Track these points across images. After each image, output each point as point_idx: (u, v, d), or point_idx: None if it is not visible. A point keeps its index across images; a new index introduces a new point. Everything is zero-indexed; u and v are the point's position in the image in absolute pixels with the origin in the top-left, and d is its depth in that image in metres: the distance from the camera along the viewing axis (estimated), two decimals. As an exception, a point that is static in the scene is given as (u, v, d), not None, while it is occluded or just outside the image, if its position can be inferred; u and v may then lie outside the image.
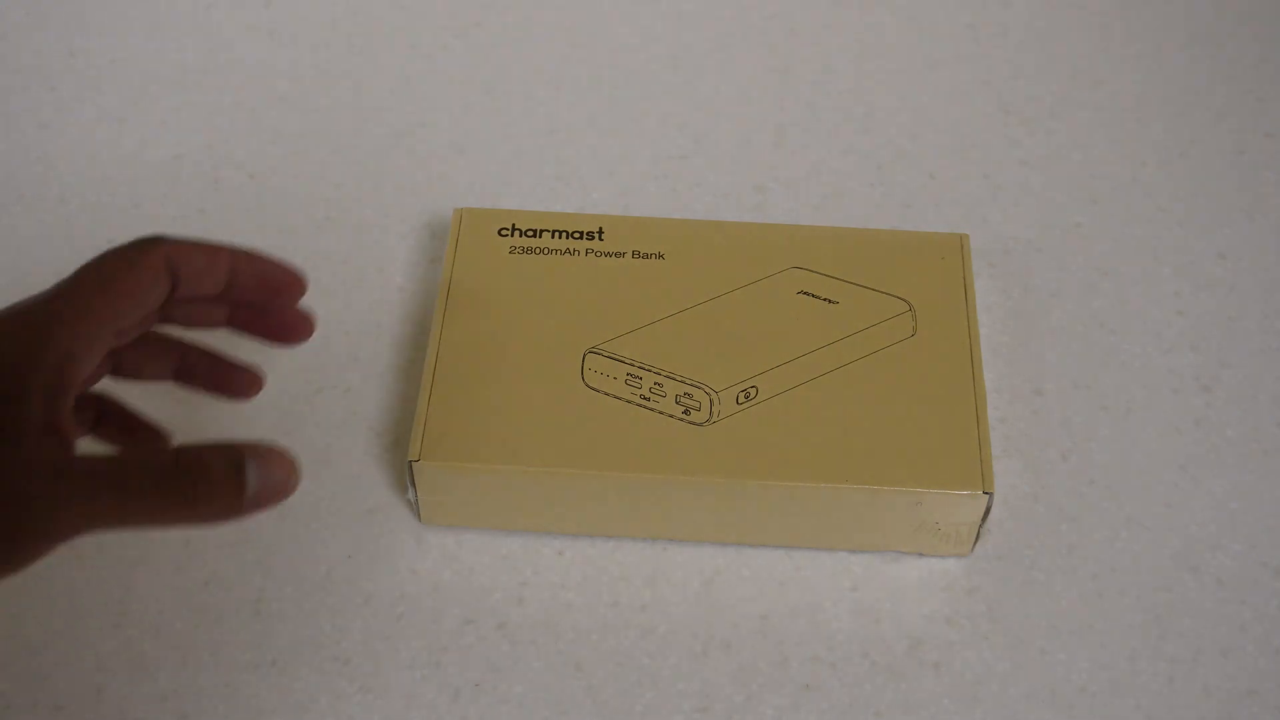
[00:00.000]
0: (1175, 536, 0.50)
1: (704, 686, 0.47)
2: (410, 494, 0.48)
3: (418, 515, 0.50)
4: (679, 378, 0.48)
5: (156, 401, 0.47)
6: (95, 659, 0.47)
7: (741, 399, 0.48)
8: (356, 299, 0.56)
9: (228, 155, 0.62)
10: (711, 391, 0.48)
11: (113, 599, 0.48)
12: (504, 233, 0.53)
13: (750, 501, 0.48)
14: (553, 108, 0.64)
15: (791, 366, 0.49)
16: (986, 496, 0.47)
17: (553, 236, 0.53)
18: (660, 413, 0.48)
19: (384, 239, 0.58)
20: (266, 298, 0.43)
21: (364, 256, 0.58)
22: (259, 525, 0.50)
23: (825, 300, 0.51)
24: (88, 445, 0.42)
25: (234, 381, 0.46)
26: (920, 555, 0.49)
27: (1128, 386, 0.54)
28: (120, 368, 0.44)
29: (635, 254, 0.52)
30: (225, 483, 0.38)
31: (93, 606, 0.48)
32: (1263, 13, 0.68)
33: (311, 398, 0.53)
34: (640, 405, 0.48)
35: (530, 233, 0.53)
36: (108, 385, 0.44)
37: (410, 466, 0.47)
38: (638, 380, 0.48)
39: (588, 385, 0.49)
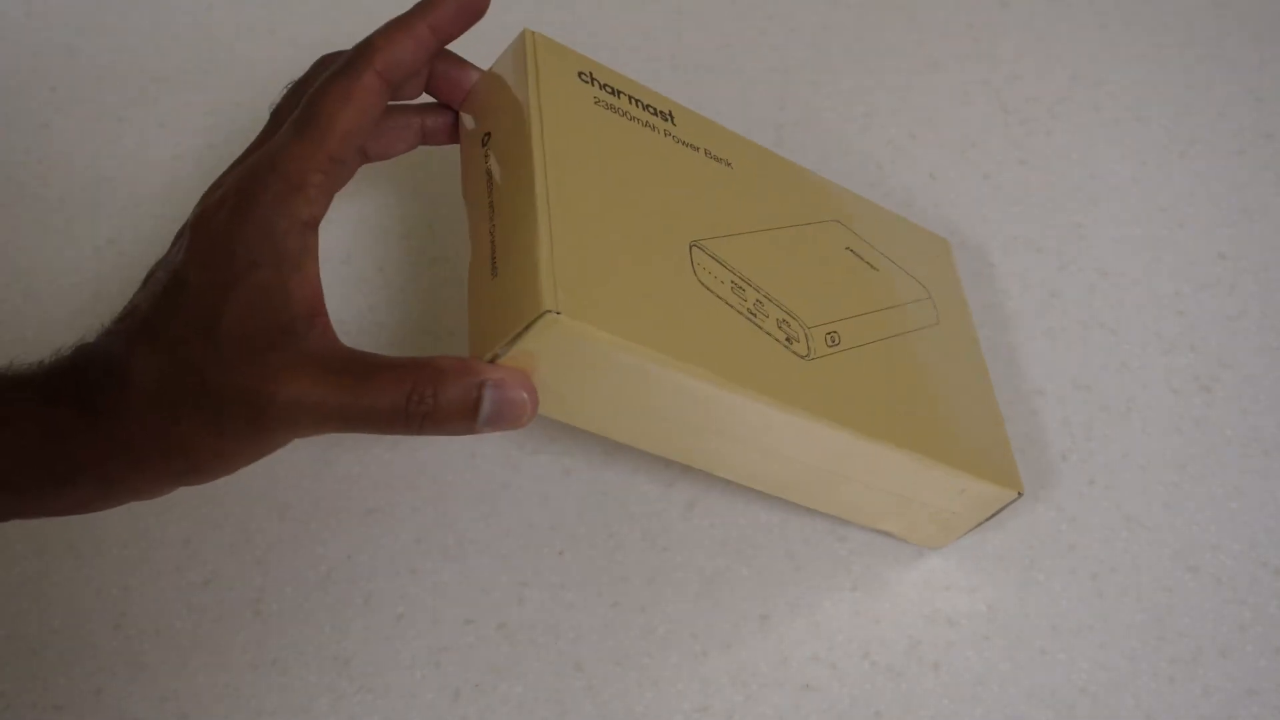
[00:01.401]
0: (1175, 536, 0.50)
1: (704, 686, 0.47)
2: (496, 353, 0.39)
3: None
4: (778, 301, 0.45)
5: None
6: (95, 659, 0.47)
7: (830, 342, 0.45)
8: (357, 299, 0.56)
9: (228, 155, 0.62)
10: (804, 326, 0.45)
11: (113, 599, 0.48)
12: (584, 78, 0.45)
13: (825, 446, 0.44)
14: (553, 108, 0.64)
15: (868, 320, 0.47)
16: (1017, 497, 0.47)
17: (630, 102, 0.46)
18: (767, 333, 0.43)
19: (384, 239, 0.58)
20: (464, 27, 0.46)
21: (364, 257, 0.58)
22: (259, 525, 0.50)
23: (869, 265, 0.49)
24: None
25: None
26: (919, 549, 0.49)
27: (1128, 386, 0.54)
28: (369, 156, 0.46)
29: (708, 153, 0.48)
30: (458, 415, 0.39)
31: (93, 606, 0.48)
32: (1263, 13, 0.68)
33: (311, 398, 0.53)
34: (748, 319, 0.43)
35: (610, 89, 0.46)
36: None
37: (540, 319, 0.37)
38: (741, 291, 0.44)
39: (700, 282, 0.42)
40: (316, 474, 0.51)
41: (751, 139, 0.51)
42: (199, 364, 0.39)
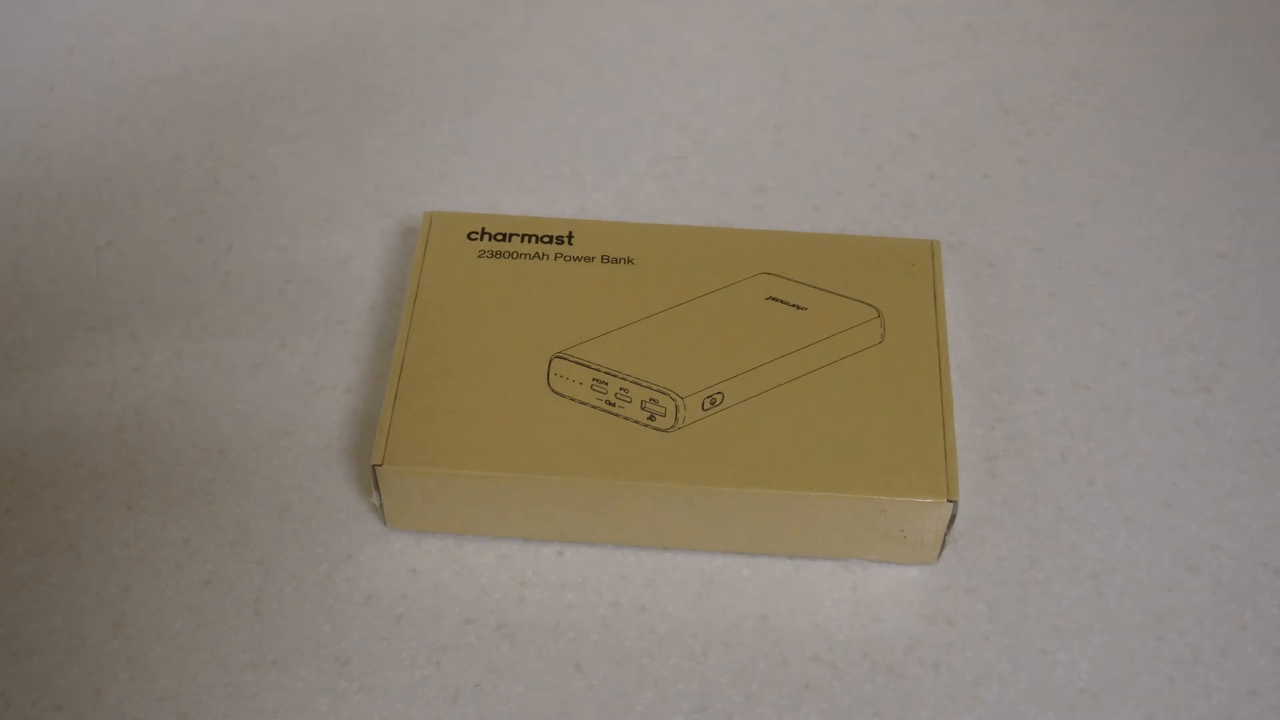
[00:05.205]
0: (1175, 536, 0.50)
1: (704, 686, 0.47)
2: (375, 498, 0.48)
3: (383, 520, 0.50)
4: (644, 383, 0.48)
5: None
6: (95, 659, 0.47)
7: (707, 405, 0.48)
8: (357, 298, 0.56)
9: (228, 155, 0.62)
10: (677, 397, 0.48)
11: (113, 599, 0.48)
12: (473, 236, 0.53)
13: (712, 507, 0.47)
14: (553, 108, 0.64)
15: (758, 373, 0.49)
16: (951, 504, 0.46)
17: (522, 240, 0.53)
18: (625, 418, 0.48)
19: (384, 239, 0.58)
20: None
21: (364, 256, 0.58)
22: (259, 525, 0.50)
23: (794, 306, 0.51)
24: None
25: None
26: (886, 563, 0.49)
27: (1128, 386, 0.54)
28: None
29: (604, 258, 0.52)
30: None
31: (93, 606, 0.48)
32: (1262, 13, 0.68)
33: (312, 398, 0.53)
34: (605, 411, 0.48)
35: (499, 236, 0.53)
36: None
37: (374, 471, 0.47)
38: (603, 385, 0.48)
39: (553, 390, 0.49)
40: (317, 474, 0.51)
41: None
42: None
